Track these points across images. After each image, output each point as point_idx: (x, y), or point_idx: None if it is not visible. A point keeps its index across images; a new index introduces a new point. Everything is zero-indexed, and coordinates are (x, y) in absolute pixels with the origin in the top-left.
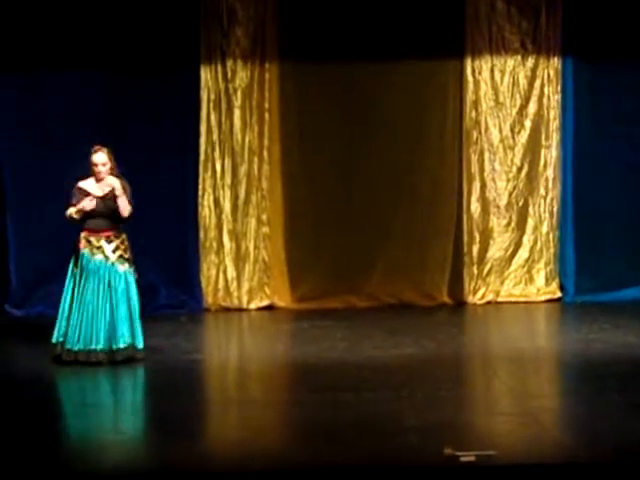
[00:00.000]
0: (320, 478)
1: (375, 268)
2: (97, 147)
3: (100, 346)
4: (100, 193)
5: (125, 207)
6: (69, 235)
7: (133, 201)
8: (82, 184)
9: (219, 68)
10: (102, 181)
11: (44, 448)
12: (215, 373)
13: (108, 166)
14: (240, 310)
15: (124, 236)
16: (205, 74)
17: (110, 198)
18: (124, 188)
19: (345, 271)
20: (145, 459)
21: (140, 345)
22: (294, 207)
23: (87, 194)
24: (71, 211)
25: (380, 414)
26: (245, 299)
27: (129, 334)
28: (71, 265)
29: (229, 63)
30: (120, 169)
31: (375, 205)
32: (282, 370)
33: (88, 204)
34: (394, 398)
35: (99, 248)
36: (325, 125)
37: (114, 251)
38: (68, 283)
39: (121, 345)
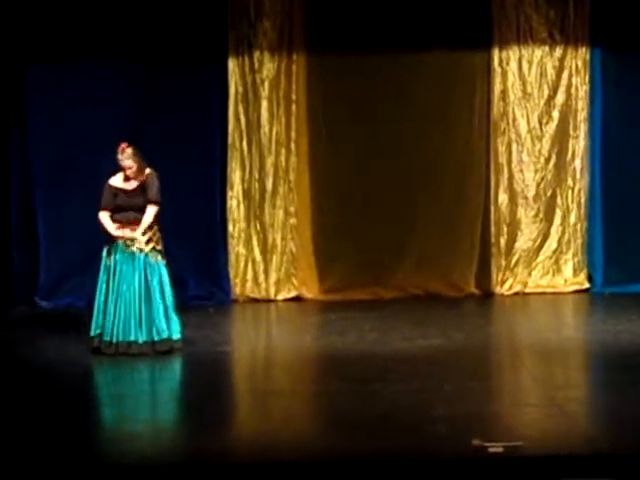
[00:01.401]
0: (348, 469)
1: (402, 259)
2: (122, 147)
3: (139, 338)
4: (130, 188)
5: (155, 193)
6: (98, 227)
7: (160, 197)
8: (112, 181)
9: (246, 60)
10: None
11: (77, 438)
12: (243, 364)
13: (135, 167)
14: (268, 301)
15: (156, 227)
16: (232, 66)
17: (139, 192)
18: (153, 183)
19: (372, 262)
20: (175, 449)
21: (177, 336)
22: (321, 198)
23: (117, 192)
24: (109, 229)
25: (408, 405)
26: (273, 290)
27: (166, 325)
28: (104, 257)
29: (256, 55)
30: (149, 161)
31: (403, 196)
32: (310, 361)
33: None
34: (421, 389)
35: (132, 240)
36: (352, 116)
37: (147, 242)
38: (102, 276)
39: (159, 336)
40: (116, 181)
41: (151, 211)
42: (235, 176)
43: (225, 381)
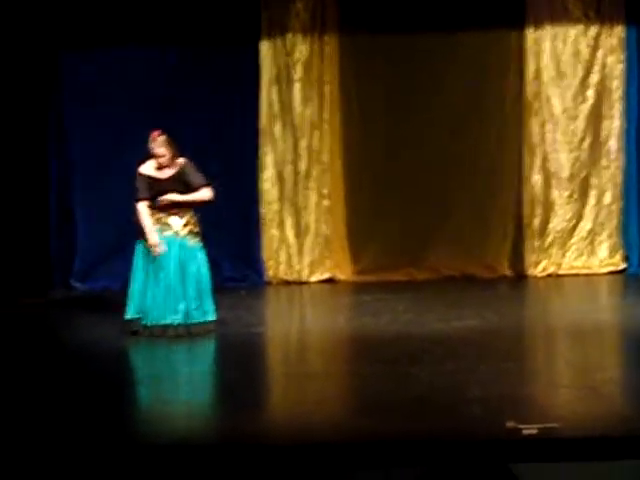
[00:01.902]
0: (382, 451)
1: (436, 240)
2: (154, 135)
3: (174, 321)
4: (165, 176)
5: (199, 177)
6: (133, 210)
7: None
8: (144, 170)
9: (279, 42)
10: (165, 166)
11: (113, 419)
12: (277, 346)
13: (168, 155)
14: (301, 283)
15: (192, 211)
16: (265, 48)
17: (175, 180)
18: (192, 170)
19: (406, 243)
20: (209, 431)
21: (212, 318)
22: (355, 180)
23: (151, 180)
24: (146, 226)
25: (442, 386)
26: (306, 272)
27: (202, 308)
28: (140, 241)
29: (289, 36)
30: (182, 145)
31: (436, 177)
32: (343, 343)
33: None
34: (456, 370)
35: (169, 224)
36: (385, 97)
37: (185, 226)
38: (137, 259)
39: (195, 319)
40: (148, 170)
41: (207, 192)
42: (268, 158)
43: (259, 363)
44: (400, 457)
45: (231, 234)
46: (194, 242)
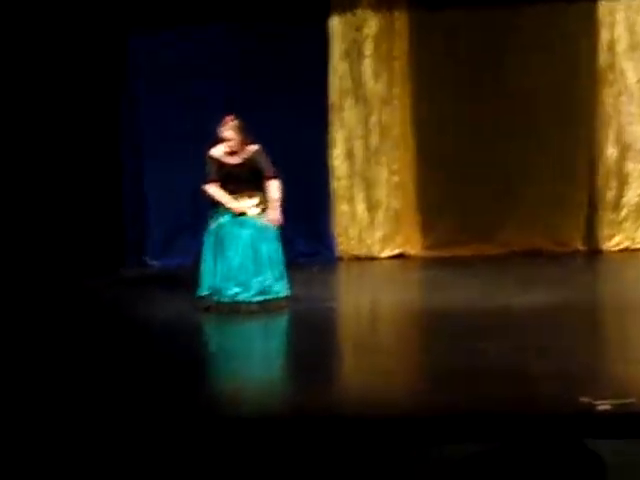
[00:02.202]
0: (453, 425)
1: (507, 215)
2: (227, 119)
3: (248, 297)
4: (235, 162)
5: (269, 166)
6: (203, 192)
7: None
8: (214, 153)
9: (349, 17)
10: (235, 152)
11: (187, 393)
12: (348, 321)
13: (237, 140)
14: (372, 259)
15: (263, 191)
16: (335, 23)
17: (245, 166)
18: (264, 158)
19: (477, 218)
20: (281, 404)
21: (285, 294)
22: (425, 155)
23: (221, 163)
24: (224, 200)
25: (513, 362)
26: (377, 248)
27: (275, 284)
28: (212, 220)
29: (359, 12)
30: (253, 121)
31: (507, 151)
32: (414, 318)
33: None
34: (527, 346)
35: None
36: (455, 71)
37: (256, 206)
38: (208, 237)
39: (268, 295)
40: (218, 153)
41: (276, 185)
42: (339, 134)
43: (331, 338)
44: (472, 432)
45: (302, 210)
46: (266, 221)
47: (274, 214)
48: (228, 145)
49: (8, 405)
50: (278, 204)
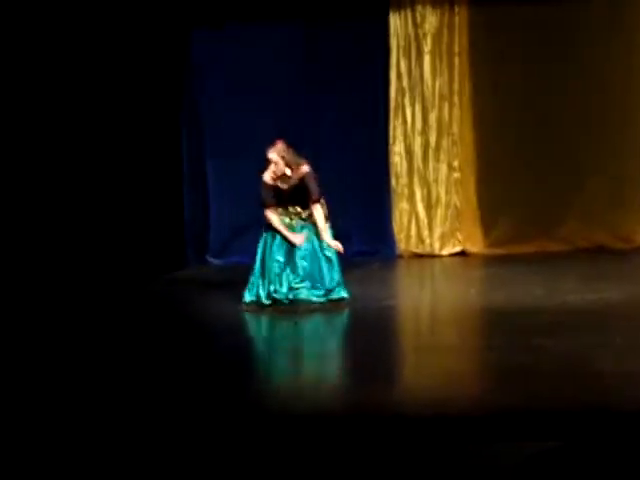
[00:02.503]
0: (516, 423)
1: (569, 211)
2: (275, 142)
3: (308, 296)
4: (286, 186)
5: (315, 190)
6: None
7: (321, 187)
8: (267, 180)
9: (408, 14)
10: (285, 175)
11: (241, 391)
12: (409, 319)
13: (280, 164)
14: (432, 256)
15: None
16: (394, 20)
17: (296, 188)
18: (311, 182)
19: (538, 215)
20: (340, 403)
21: (346, 295)
22: (485, 151)
23: (276, 188)
24: (281, 229)
25: (577, 359)
26: (437, 245)
27: (336, 287)
28: (265, 234)
29: (418, 8)
30: (313, 119)
31: (568, 146)
32: (475, 315)
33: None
34: (591, 343)
35: (297, 213)
36: (515, 67)
37: (310, 215)
38: (263, 244)
39: (330, 297)
40: (271, 180)
41: (320, 211)
42: (398, 131)
43: (391, 336)
44: (535, 430)
45: (362, 208)
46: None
47: (330, 241)
48: (273, 170)
49: (63, 397)
50: (326, 229)
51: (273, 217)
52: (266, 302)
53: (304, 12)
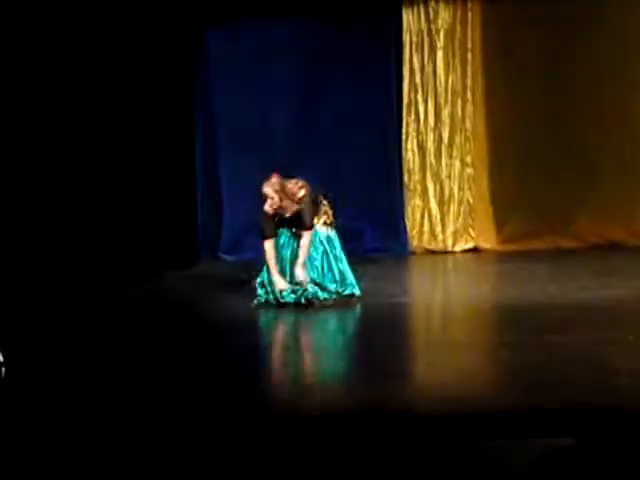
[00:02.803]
0: (528, 420)
1: (582, 207)
2: (271, 177)
3: (320, 294)
4: (287, 215)
5: (308, 221)
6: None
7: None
8: (267, 209)
9: (421, 9)
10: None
11: (250, 389)
12: (421, 315)
13: (275, 200)
14: (445, 253)
15: (325, 208)
16: (407, 16)
17: (295, 217)
18: (306, 209)
19: (551, 211)
20: (351, 400)
21: (357, 292)
22: (498, 147)
23: (275, 217)
24: (271, 266)
25: (589, 356)
26: (450, 241)
27: (347, 286)
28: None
29: (431, 4)
30: (326, 114)
31: (581, 143)
32: (488, 312)
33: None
34: (603, 340)
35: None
36: (528, 63)
37: (317, 222)
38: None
39: (342, 293)
40: (271, 211)
41: (307, 237)
42: (411, 127)
43: (403, 332)
44: (547, 428)
45: (375, 204)
46: (328, 231)
47: (299, 271)
48: (269, 204)
49: (76, 390)
50: (302, 261)
51: (270, 252)
52: (276, 300)
53: (317, 8)
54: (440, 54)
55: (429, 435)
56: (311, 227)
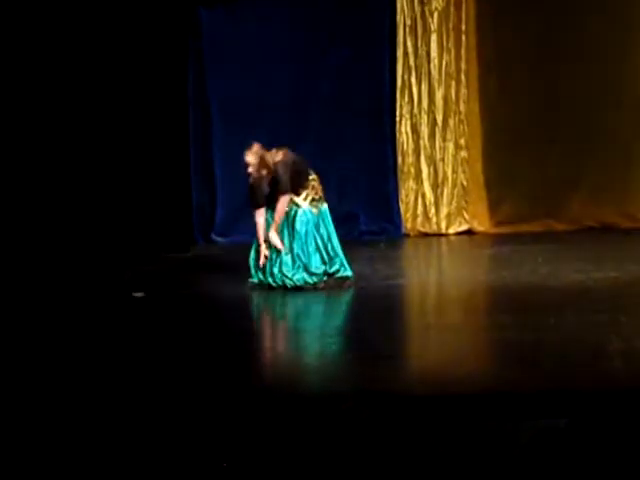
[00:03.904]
0: (520, 402)
1: (576, 190)
2: (249, 147)
3: (312, 280)
4: (268, 184)
5: (284, 184)
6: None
7: (288, 186)
8: (252, 181)
9: None
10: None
11: (245, 372)
12: (415, 298)
13: (255, 164)
14: (439, 235)
15: (313, 183)
16: None
17: (274, 184)
18: (280, 173)
19: (545, 194)
20: (347, 383)
21: (349, 273)
22: (492, 130)
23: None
24: (259, 236)
25: (583, 338)
26: (444, 224)
27: (338, 267)
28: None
29: None
30: (319, 98)
31: (575, 126)
32: (482, 294)
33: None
34: (597, 322)
35: (293, 201)
36: (523, 46)
37: (304, 199)
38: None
39: (334, 275)
40: (256, 182)
41: (283, 202)
42: (404, 110)
43: (397, 314)
44: (541, 409)
45: (369, 187)
46: (320, 206)
47: (273, 237)
48: (250, 170)
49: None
50: (276, 224)
51: (259, 220)
52: (269, 285)
53: None
54: (434, 36)
55: (424, 416)
56: (286, 192)
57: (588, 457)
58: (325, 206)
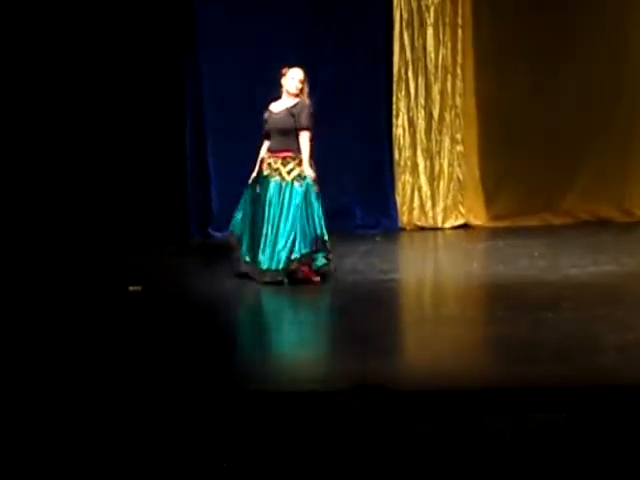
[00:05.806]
0: (516, 397)
1: (572, 184)
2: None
3: (281, 266)
4: (277, 109)
5: (306, 120)
6: None
7: (311, 123)
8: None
9: None
10: (291, 98)
11: (237, 367)
12: (411, 292)
13: (303, 85)
14: (435, 229)
15: (299, 157)
16: None
17: (285, 115)
18: (304, 109)
19: (541, 188)
20: (342, 377)
21: (323, 262)
22: (489, 124)
23: (268, 113)
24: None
25: (579, 332)
26: (440, 218)
27: (316, 252)
28: (249, 187)
29: None
30: (316, 91)
31: (572, 119)
32: (478, 289)
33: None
34: (593, 316)
35: (276, 170)
36: (520, 40)
37: (289, 172)
38: (245, 205)
39: (293, 257)
40: (270, 104)
41: (305, 138)
42: (401, 104)
43: (392, 309)
44: (538, 404)
45: (364, 180)
46: (301, 184)
47: (307, 170)
48: (297, 85)
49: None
50: (306, 159)
51: (262, 151)
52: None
53: None
54: (430, 30)
55: (419, 411)
56: (307, 128)
57: (586, 453)
58: (314, 189)
